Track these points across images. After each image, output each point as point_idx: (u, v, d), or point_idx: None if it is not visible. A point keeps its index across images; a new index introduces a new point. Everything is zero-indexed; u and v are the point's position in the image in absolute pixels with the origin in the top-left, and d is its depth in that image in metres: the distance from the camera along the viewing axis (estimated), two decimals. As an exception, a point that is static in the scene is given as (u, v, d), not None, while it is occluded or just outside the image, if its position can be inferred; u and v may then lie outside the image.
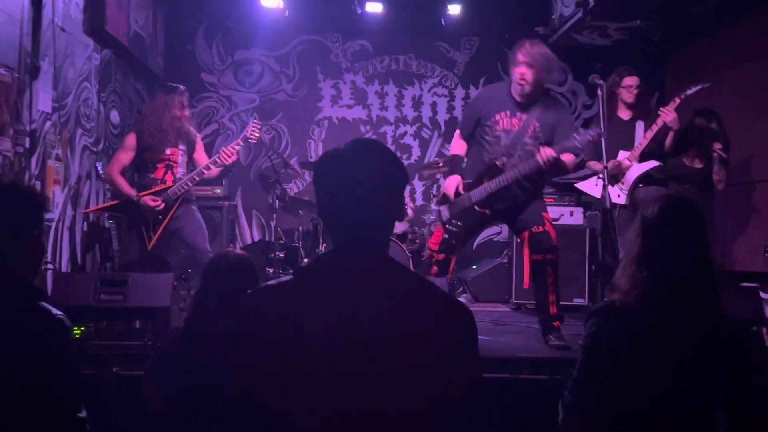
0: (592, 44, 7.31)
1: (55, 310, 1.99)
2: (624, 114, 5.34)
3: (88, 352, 3.82)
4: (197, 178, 4.85)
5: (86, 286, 3.94)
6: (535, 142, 4.20)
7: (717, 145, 5.28)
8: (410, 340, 1.49)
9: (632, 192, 5.17)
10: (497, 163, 4.24)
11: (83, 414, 2.14)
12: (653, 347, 2.01)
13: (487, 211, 4.33)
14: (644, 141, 5.15)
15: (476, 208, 4.31)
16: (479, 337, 1.63)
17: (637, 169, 5.17)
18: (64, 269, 5.15)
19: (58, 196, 5.05)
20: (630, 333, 2.03)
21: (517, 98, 4.28)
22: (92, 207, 5.49)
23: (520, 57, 4.17)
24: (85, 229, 5.52)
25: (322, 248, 6.63)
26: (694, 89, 5.07)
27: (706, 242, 2.10)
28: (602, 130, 4.76)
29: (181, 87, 5.01)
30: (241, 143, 4.89)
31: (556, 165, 4.08)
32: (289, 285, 1.59)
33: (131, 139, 4.92)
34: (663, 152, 5.25)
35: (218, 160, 4.80)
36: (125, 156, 4.91)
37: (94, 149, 5.76)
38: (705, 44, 6.98)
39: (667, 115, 5.07)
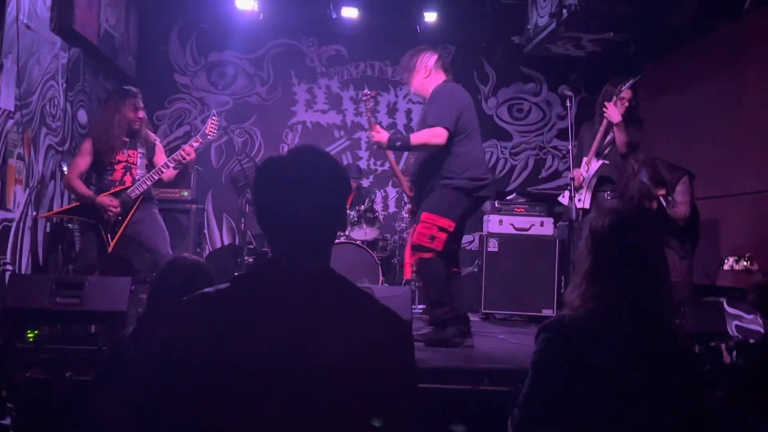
0: (566, 55, 7.33)
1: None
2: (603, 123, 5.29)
3: (41, 356, 3.75)
4: (156, 177, 4.79)
5: (42, 288, 3.86)
6: None
7: (660, 191, 5.11)
8: (343, 352, 1.46)
9: (594, 195, 5.19)
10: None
11: (6, 421, 2.07)
12: (602, 363, 1.99)
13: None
14: (594, 143, 5.14)
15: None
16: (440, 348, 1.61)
17: (589, 172, 5.18)
18: (24, 271, 5.05)
19: (19, 195, 4.96)
20: (579, 349, 2.00)
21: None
22: (49, 212, 5.38)
23: None
24: (47, 230, 5.43)
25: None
26: (627, 84, 5.06)
27: (655, 256, 2.08)
28: (571, 140, 4.79)
29: (134, 89, 4.94)
30: (200, 140, 4.83)
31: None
32: (224, 293, 1.56)
33: (87, 144, 4.85)
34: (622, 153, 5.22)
35: (176, 158, 4.75)
36: (83, 161, 4.83)
37: (60, 149, 5.67)
38: (677, 56, 7.03)
39: (611, 115, 5.04)
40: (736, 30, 5.96)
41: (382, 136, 4.49)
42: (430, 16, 7.57)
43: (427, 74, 4.57)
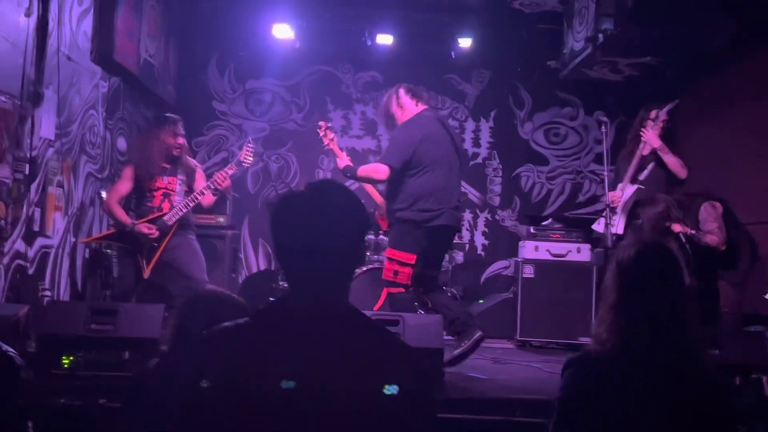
0: (603, 79, 7.26)
1: (5, 347, 1.95)
2: (646, 150, 5.22)
3: (75, 383, 3.79)
4: (192, 204, 4.85)
5: (77, 314, 3.92)
6: None
7: (677, 228, 4.91)
8: (361, 390, 1.45)
9: (628, 221, 5.09)
10: None
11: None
12: (630, 398, 1.95)
13: None
14: (630, 168, 5.07)
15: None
16: (476, 375, 1.60)
17: (624, 195, 5.10)
18: (62, 296, 5.14)
19: (59, 222, 5.06)
20: (606, 384, 1.96)
21: None
22: (89, 237, 5.48)
23: None
24: (86, 256, 5.52)
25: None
26: (665, 109, 4.97)
27: (682, 290, 2.04)
28: (606, 165, 4.73)
29: (174, 116, 5.04)
30: (235, 167, 4.89)
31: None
32: (243, 328, 1.57)
33: (128, 170, 4.96)
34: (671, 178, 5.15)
35: (212, 185, 4.80)
36: (123, 186, 4.93)
37: (99, 176, 5.78)
38: (715, 81, 6.90)
39: (651, 140, 4.97)
40: (777, 52, 5.84)
41: (341, 163, 4.86)
42: (465, 42, 7.57)
43: (403, 111, 4.79)
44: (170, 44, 7.18)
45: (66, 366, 3.83)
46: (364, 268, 5.33)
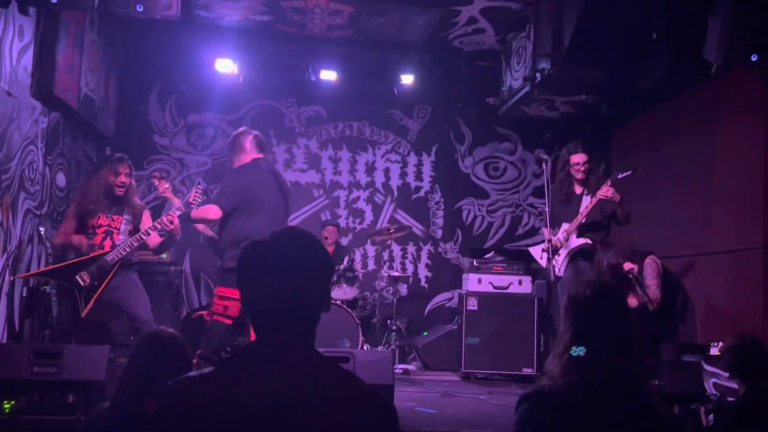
0: (540, 116, 7.50)
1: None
2: (577, 189, 5.46)
3: (17, 428, 3.68)
4: (135, 244, 4.79)
5: (19, 357, 3.82)
6: None
7: (629, 266, 5.19)
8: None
9: (568, 264, 5.27)
10: None
11: None
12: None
13: None
14: (579, 216, 5.27)
15: None
16: (423, 409, 1.63)
17: (571, 243, 5.29)
18: (0, 338, 4.98)
19: (-4, 261, 4.92)
20: (560, 419, 2.03)
21: None
22: (25, 273, 5.34)
23: None
24: (24, 295, 5.37)
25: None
26: (624, 174, 5.19)
27: (629, 329, 2.14)
28: (548, 201, 4.90)
29: (119, 155, 5.03)
30: (183, 208, 4.83)
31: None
32: (209, 377, 1.57)
33: (70, 208, 4.93)
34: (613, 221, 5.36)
35: (158, 225, 4.76)
36: (67, 226, 4.90)
37: (38, 212, 5.65)
38: (648, 118, 7.22)
39: (605, 191, 5.17)
40: (706, 91, 6.14)
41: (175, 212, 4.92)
42: (407, 78, 7.72)
43: (242, 151, 5.11)
44: (111, 78, 7.10)
45: (7, 411, 3.72)
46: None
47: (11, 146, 5.09)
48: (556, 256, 5.22)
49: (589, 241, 5.25)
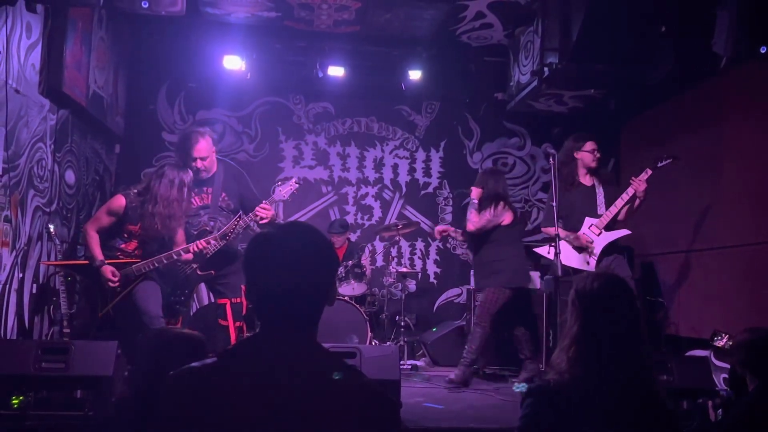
0: (549, 110, 7.47)
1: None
2: (586, 180, 5.42)
3: (25, 423, 3.70)
4: (166, 262, 4.79)
5: (27, 353, 3.84)
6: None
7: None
8: (326, 430, 1.47)
9: (600, 259, 5.23)
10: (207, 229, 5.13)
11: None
12: (589, 427, 2.01)
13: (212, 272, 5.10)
14: (613, 209, 5.23)
15: (198, 272, 5.05)
16: (431, 405, 1.62)
17: (606, 238, 5.23)
18: (10, 334, 5.01)
19: (5, 258, 4.94)
20: (566, 413, 2.02)
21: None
22: (54, 261, 5.35)
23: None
24: (33, 291, 5.40)
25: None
26: (665, 162, 5.16)
27: (639, 320, 2.13)
28: (554, 198, 4.87)
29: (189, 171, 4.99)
30: (218, 239, 4.90)
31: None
32: (211, 368, 1.57)
33: (120, 201, 4.84)
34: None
35: (193, 248, 4.82)
36: (107, 219, 4.82)
37: (47, 210, 5.68)
38: (657, 112, 7.17)
39: (639, 185, 5.15)
40: (714, 86, 6.10)
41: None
42: (415, 74, 7.71)
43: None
44: (119, 76, 7.12)
45: (15, 406, 3.74)
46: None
47: (20, 144, 5.11)
48: (587, 252, 5.18)
49: (629, 231, 5.23)
